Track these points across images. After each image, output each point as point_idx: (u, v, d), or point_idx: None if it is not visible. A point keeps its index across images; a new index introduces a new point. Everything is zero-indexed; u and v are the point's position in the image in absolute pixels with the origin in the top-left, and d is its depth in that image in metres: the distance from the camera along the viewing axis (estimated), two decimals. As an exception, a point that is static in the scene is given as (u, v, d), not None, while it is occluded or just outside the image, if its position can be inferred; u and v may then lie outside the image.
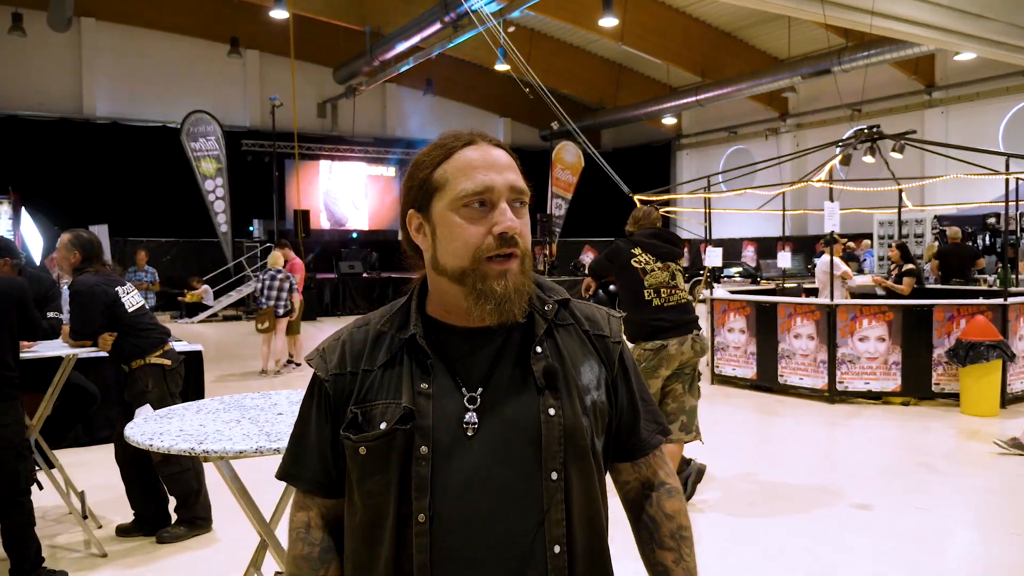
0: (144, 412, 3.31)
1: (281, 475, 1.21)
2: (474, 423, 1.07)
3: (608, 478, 1.23)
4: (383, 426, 1.08)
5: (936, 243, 14.54)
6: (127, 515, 4.10)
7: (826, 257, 8.21)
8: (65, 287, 4.35)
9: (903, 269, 8.60)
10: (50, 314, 4.33)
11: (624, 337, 1.26)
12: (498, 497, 1.06)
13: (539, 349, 1.13)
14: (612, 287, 4.95)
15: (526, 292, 1.11)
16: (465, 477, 1.06)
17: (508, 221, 1.08)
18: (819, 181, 8.62)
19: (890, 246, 9.14)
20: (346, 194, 23.76)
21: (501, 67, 16.21)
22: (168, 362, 3.91)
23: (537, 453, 1.07)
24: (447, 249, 1.10)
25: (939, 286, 10.06)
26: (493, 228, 1.08)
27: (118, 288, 3.89)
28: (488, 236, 1.08)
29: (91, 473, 4.84)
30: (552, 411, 1.09)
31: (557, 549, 1.06)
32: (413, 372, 1.11)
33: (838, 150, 9.07)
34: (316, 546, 1.17)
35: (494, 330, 1.13)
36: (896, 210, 11.02)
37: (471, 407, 1.08)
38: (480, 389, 1.09)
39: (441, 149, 1.14)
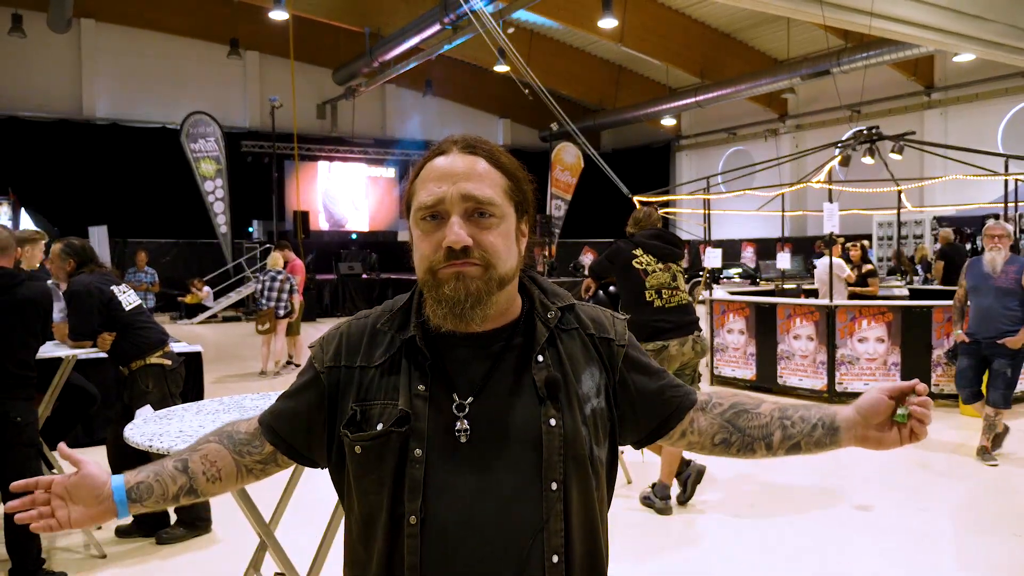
0: (144, 413, 3.32)
1: (260, 417, 1.26)
2: (466, 430, 1.08)
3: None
4: (379, 427, 1.08)
5: (936, 245, 14.59)
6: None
7: (827, 259, 8.22)
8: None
9: (863, 270, 8.64)
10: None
11: (628, 339, 1.25)
12: (495, 504, 1.05)
13: (540, 358, 1.12)
14: (612, 288, 4.96)
15: (490, 303, 1.08)
16: (460, 482, 1.06)
17: (452, 235, 1.05)
18: (818, 182, 8.63)
19: (854, 245, 9.16)
20: (346, 195, 23.77)
21: (501, 68, 16.23)
22: (168, 362, 3.91)
23: (537, 462, 1.07)
24: (415, 261, 1.11)
25: (938, 287, 10.07)
26: (443, 242, 1.07)
27: (113, 287, 3.90)
28: (440, 250, 1.07)
29: (91, 474, 4.83)
30: (553, 421, 1.09)
31: (556, 559, 1.06)
32: (411, 374, 1.11)
33: (837, 151, 9.08)
34: (227, 429, 1.26)
35: (493, 336, 1.13)
36: (895, 211, 11.03)
37: (460, 414, 1.08)
38: (470, 398, 1.09)
39: (423, 158, 1.15)
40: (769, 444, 1.24)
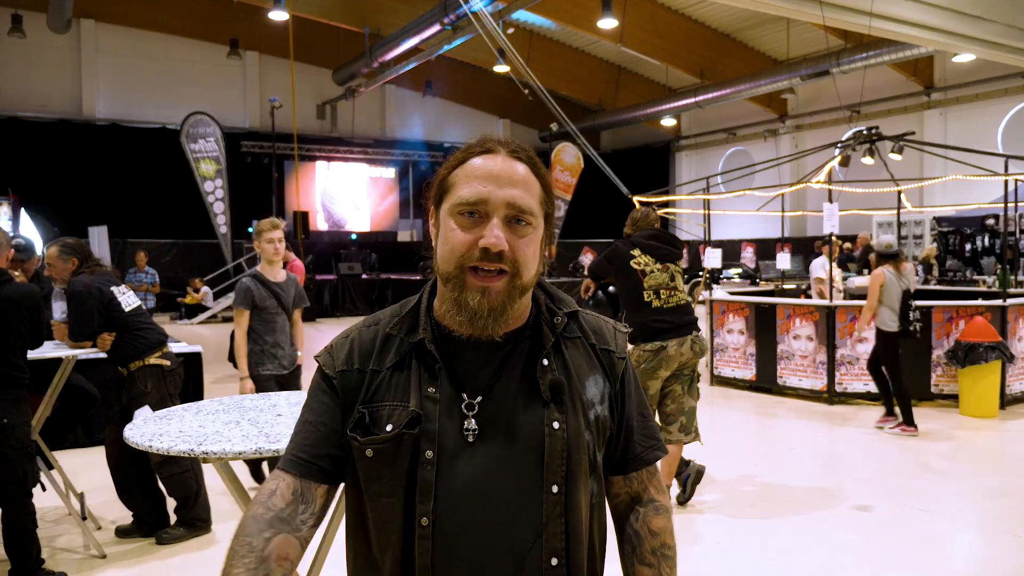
0: (143, 413, 3.32)
1: (282, 463, 1.15)
2: (474, 430, 1.08)
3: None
4: (389, 428, 1.08)
5: (935, 245, 14.73)
6: (126, 516, 4.10)
7: (822, 257, 8.22)
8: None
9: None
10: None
11: (627, 355, 1.26)
12: (499, 506, 1.06)
13: (546, 362, 1.13)
14: (612, 288, 4.96)
15: (510, 313, 1.10)
16: (467, 483, 1.06)
17: (492, 237, 1.06)
18: (818, 182, 8.62)
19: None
20: (345, 196, 23.77)
21: (500, 68, 16.23)
22: (167, 363, 3.92)
23: (539, 465, 1.08)
24: (441, 251, 1.11)
25: (937, 287, 10.07)
26: (479, 240, 1.07)
27: (113, 288, 3.90)
28: (474, 247, 1.07)
29: (91, 474, 4.83)
30: (556, 425, 1.09)
31: (555, 561, 1.07)
32: (421, 376, 1.11)
33: (837, 151, 9.08)
34: (271, 511, 1.09)
35: (502, 339, 1.13)
36: (895, 211, 11.03)
37: (469, 413, 1.09)
38: (479, 398, 1.10)
39: (464, 152, 1.14)
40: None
